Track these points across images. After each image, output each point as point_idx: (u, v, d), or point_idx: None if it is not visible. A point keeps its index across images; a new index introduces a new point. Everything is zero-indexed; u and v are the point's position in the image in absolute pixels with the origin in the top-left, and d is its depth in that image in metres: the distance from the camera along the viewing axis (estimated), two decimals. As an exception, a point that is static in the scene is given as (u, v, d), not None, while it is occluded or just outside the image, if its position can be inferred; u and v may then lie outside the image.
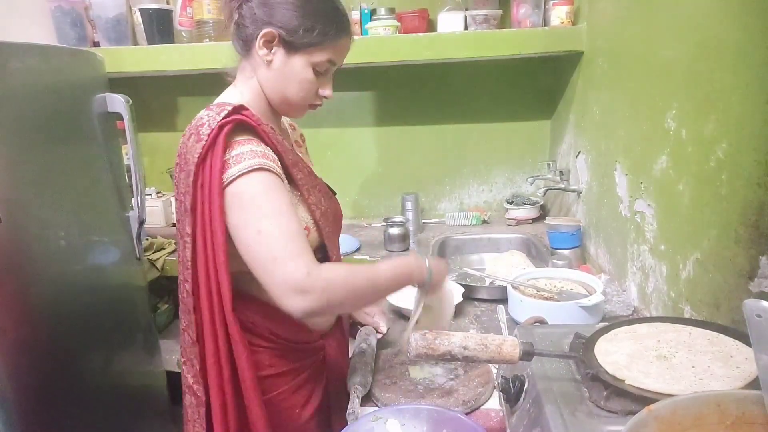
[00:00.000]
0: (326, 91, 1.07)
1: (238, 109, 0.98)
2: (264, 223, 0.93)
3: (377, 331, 1.33)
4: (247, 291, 1.03)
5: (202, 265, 0.97)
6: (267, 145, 1.00)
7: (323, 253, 1.12)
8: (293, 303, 0.91)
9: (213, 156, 0.94)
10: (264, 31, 0.99)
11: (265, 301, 1.07)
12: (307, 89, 1.04)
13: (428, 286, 1.05)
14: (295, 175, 1.05)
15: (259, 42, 1.00)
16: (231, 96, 1.08)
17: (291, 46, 1.00)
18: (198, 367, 1.01)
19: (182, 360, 1.09)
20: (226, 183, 0.93)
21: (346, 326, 1.33)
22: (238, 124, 0.97)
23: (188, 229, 0.98)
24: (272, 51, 1.01)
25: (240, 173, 0.93)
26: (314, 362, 1.15)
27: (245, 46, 1.05)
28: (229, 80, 1.12)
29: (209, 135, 0.94)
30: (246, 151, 0.95)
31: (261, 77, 1.05)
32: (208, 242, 0.96)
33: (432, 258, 1.08)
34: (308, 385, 1.13)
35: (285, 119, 1.22)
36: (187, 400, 1.08)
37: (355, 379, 1.08)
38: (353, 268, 0.99)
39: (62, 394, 1.41)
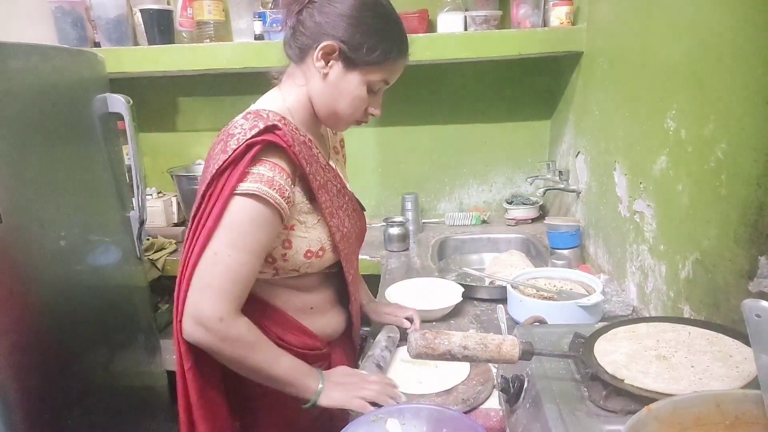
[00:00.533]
0: (376, 110, 1.06)
1: (271, 128, 0.95)
2: (224, 250, 0.93)
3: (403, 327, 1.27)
4: (258, 295, 1.03)
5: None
6: (296, 165, 0.98)
7: (338, 269, 1.11)
8: (189, 328, 0.94)
9: (231, 173, 0.93)
10: (325, 43, 0.96)
11: (274, 306, 1.07)
12: (357, 106, 1.02)
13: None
14: (320, 197, 1.03)
15: (317, 53, 0.97)
16: (273, 100, 1.05)
17: (350, 62, 0.97)
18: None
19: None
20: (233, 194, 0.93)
21: (356, 334, 1.31)
22: (267, 144, 0.95)
23: (189, 234, 0.99)
24: (329, 64, 0.98)
25: (241, 192, 0.92)
26: (319, 367, 1.14)
27: (300, 53, 1.01)
28: (274, 82, 1.10)
29: (234, 151, 0.93)
30: (257, 173, 0.93)
31: (312, 88, 1.02)
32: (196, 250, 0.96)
33: (335, 393, 1.01)
34: None
35: None
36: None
37: None
38: (261, 345, 0.98)
39: (63, 394, 1.41)
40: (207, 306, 0.92)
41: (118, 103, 1.63)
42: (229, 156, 0.92)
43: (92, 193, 1.58)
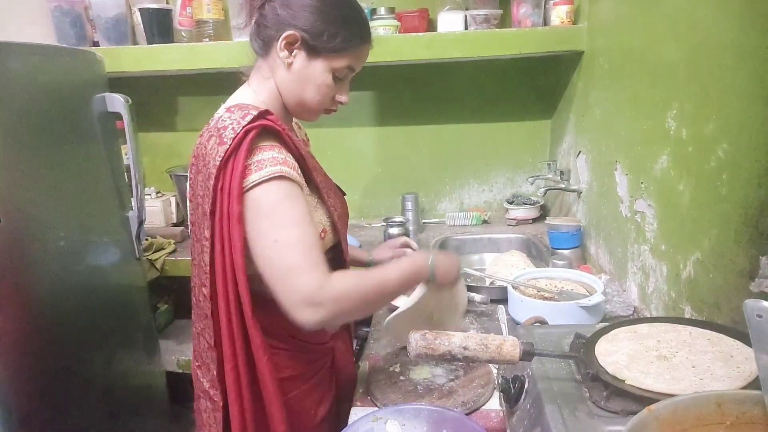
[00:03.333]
0: (343, 97, 1.07)
1: (264, 113, 0.97)
2: (282, 233, 0.92)
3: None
4: (265, 293, 1.03)
5: (220, 270, 0.96)
6: (289, 149, 0.99)
7: (337, 252, 1.12)
8: (304, 315, 0.91)
9: (235, 160, 0.93)
10: (287, 33, 0.98)
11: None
12: (324, 93, 1.04)
13: (432, 284, 1.05)
14: (315, 178, 1.04)
15: (280, 43, 0.99)
16: (245, 95, 1.07)
17: (313, 50, 1.00)
18: (215, 372, 1.01)
19: (196, 364, 1.09)
20: (246, 188, 0.92)
21: (352, 327, 1.32)
22: (263, 129, 0.95)
23: (207, 233, 0.97)
24: (293, 54, 1.00)
25: (261, 180, 0.92)
26: (326, 363, 1.16)
27: (265, 46, 1.03)
28: (243, 79, 1.11)
29: (233, 139, 0.93)
30: (268, 158, 0.93)
31: (279, 79, 1.04)
32: (225, 247, 0.95)
33: (441, 254, 1.07)
34: (321, 386, 1.14)
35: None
36: (202, 405, 1.07)
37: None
38: (362, 276, 0.98)
39: (62, 394, 1.41)
40: (301, 285, 0.91)
41: (117, 102, 1.62)
42: (230, 145, 0.93)
43: (91, 193, 1.58)
